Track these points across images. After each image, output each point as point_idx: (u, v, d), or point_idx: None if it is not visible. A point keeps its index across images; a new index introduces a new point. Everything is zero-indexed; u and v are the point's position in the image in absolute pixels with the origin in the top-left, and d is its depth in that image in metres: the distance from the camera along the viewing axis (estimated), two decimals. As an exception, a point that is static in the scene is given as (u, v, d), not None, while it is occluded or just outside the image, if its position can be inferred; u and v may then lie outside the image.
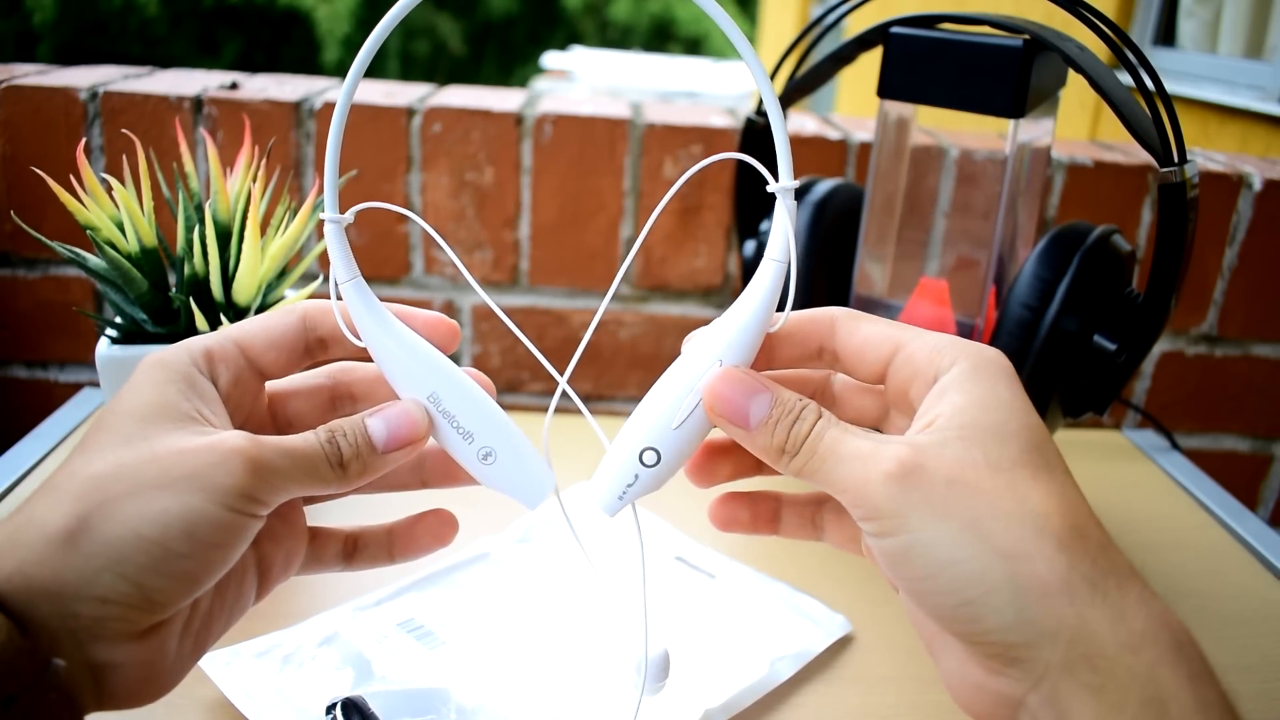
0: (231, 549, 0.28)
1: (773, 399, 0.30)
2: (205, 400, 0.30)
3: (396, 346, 0.32)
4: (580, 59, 6.59)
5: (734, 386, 0.30)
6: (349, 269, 0.32)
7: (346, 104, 0.30)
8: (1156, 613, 0.26)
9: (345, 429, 0.31)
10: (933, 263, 0.68)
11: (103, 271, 0.50)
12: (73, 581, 0.26)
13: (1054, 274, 0.53)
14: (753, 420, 0.30)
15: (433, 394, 0.32)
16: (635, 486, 0.32)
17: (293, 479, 0.29)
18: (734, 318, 0.31)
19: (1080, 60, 0.49)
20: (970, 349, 0.30)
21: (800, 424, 0.29)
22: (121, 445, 0.28)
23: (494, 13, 11.10)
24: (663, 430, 0.31)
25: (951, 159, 0.73)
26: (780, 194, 0.30)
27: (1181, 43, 2.44)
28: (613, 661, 0.46)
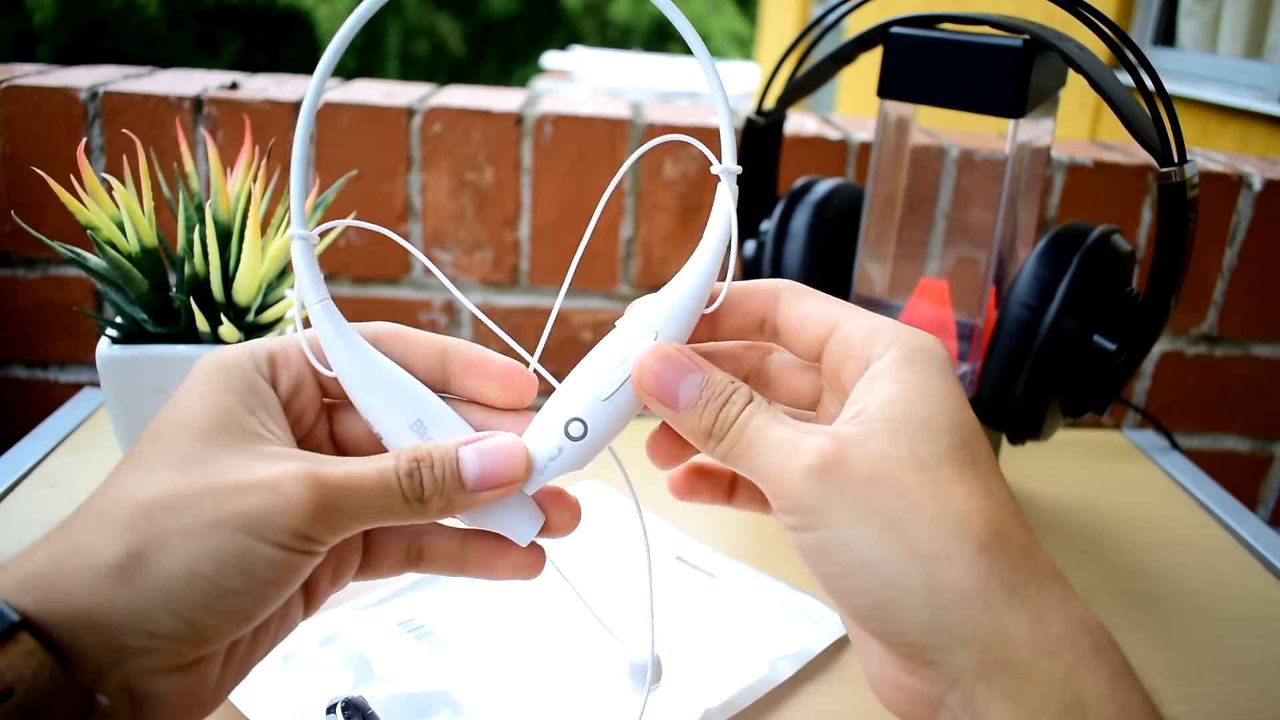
0: (288, 586, 0.27)
1: (704, 379, 0.29)
2: (267, 409, 0.28)
3: (371, 374, 0.29)
4: (580, 59, 6.59)
5: (665, 364, 0.29)
6: (318, 290, 0.29)
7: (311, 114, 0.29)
8: (1076, 615, 0.26)
9: (434, 459, 0.28)
10: (933, 263, 0.68)
11: (103, 271, 0.50)
12: (124, 616, 0.25)
13: (1054, 274, 0.53)
14: (682, 400, 0.29)
15: (416, 423, 0.30)
16: (559, 460, 0.30)
17: (360, 518, 0.27)
18: (672, 292, 0.30)
19: (1080, 60, 0.49)
20: (906, 335, 0.28)
21: (729, 407, 0.28)
22: (177, 468, 0.26)
23: (494, 13, 11.11)
24: (591, 402, 0.30)
25: (951, 159, 0.73)
26: (723, 176, 0.30)
27: (1181, 43, 2.44)
28: (610, 662, 0.46)
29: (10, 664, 0.23)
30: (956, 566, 0.25)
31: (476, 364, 0.31)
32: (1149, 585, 0.57)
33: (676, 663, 0.46)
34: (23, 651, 0.23)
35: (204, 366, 0.28)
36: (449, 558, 0.32)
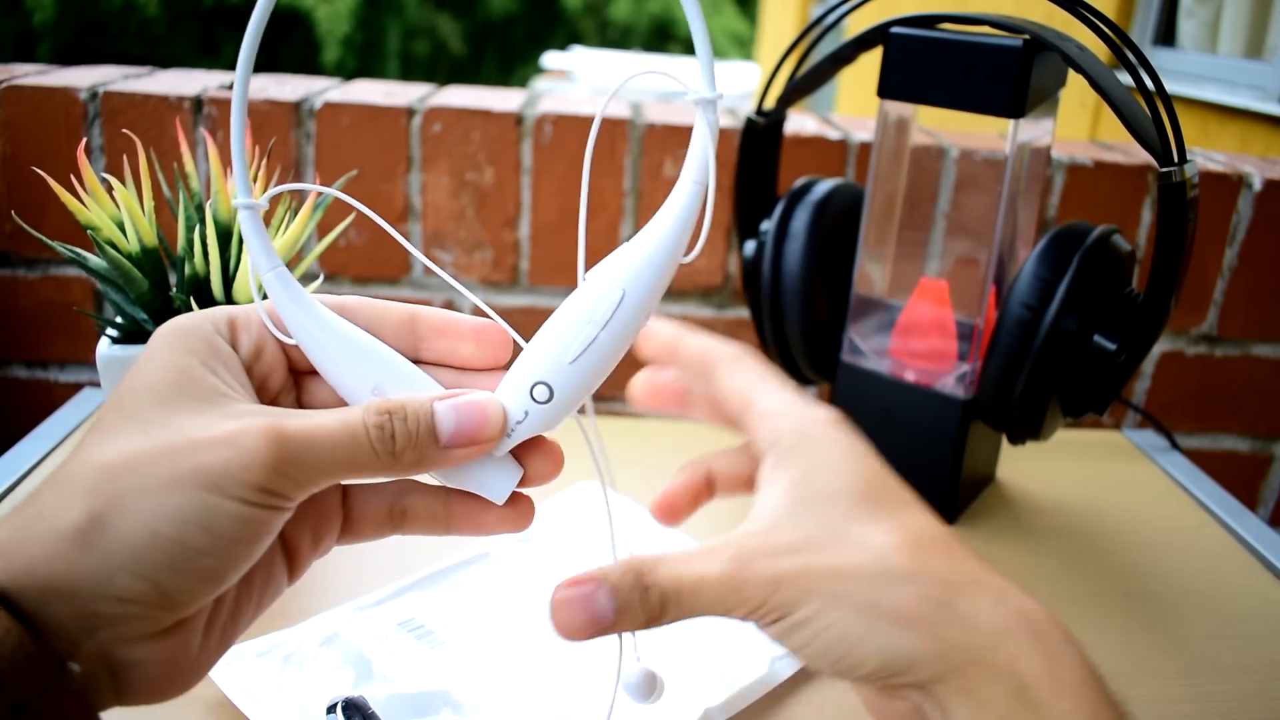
0: (255, 544, 0.26)
1: (609, 588, 0.29)
2: (229, 368, 0.28)
3: (330, 338, 0.29)
4: (580, 59, 6.59)
5: (569, 607, 0.29)
6: (270, 258, 0.29)
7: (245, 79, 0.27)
8: (1011, 609, 0.28)
9: (407, 411, 0.27)
10: (933, 263, 0.68)
11: (103, 271, 0.50)
12: (88, 581, 0.24)
13: (1054, 274, 0.53)
14: (611, 618, 0.29)
15: (376, 386, 0.29)
16: (525, 424, 0.29)
17: (325, 471, 0.27)
18: (643, 244, 0.28)
19: (1080, 60, 0.49)
20: (793, 420, 0.31)
21: (646, 594, 0.29)
22: (138, 432, 0.26)
23: (494, 13, 11.11)
24: (557, 365, 0.29)
25: (951, 159, 0.73)
26: (700, 106, 0.27)
27: (1181, 43, 2.44)
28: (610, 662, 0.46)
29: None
30: (891, 605, 0.28)
31: (448, 325, 0.31)
32: (1149, 585, 0.57)
33: (677, 663, 0.46)
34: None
35: (163, 331, 0.28)
36: (433, 516, 0.31)
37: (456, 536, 0.32)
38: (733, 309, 0.78)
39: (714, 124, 0.27)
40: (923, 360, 0.61)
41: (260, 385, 0.29)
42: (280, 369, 0.30)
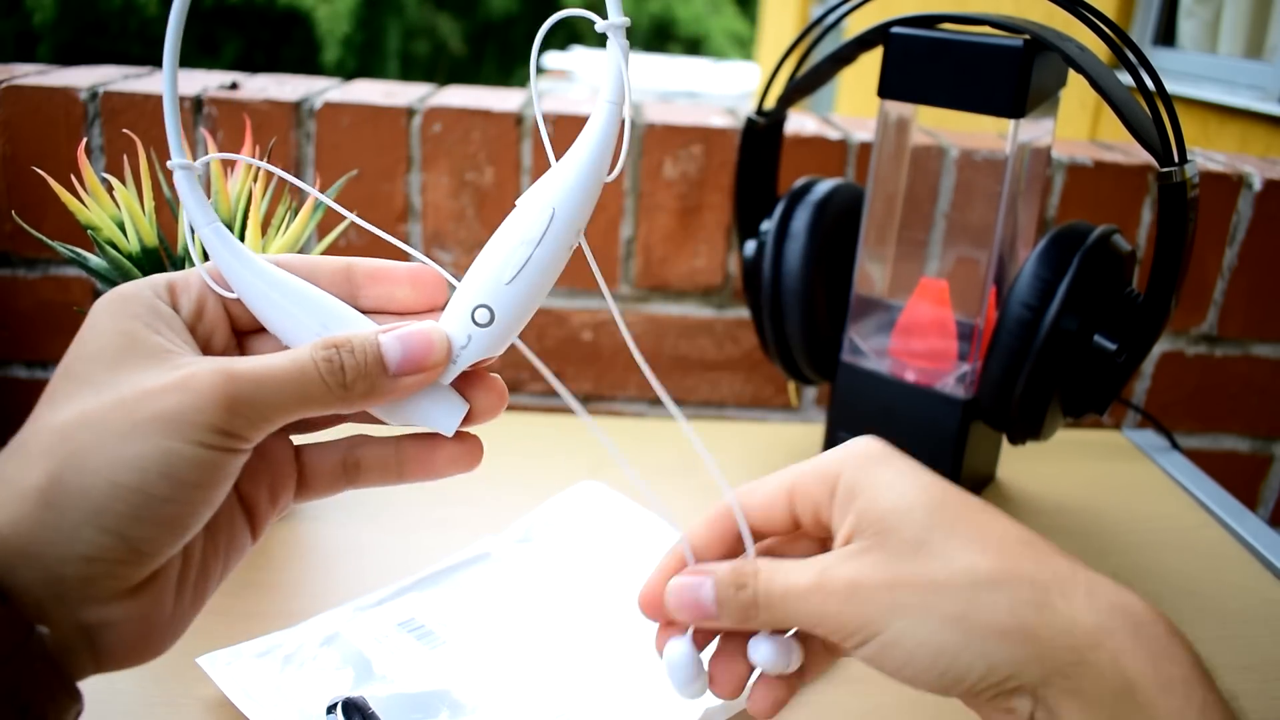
0: (216, 488, 0.27)
1: (713, 581, 0.32)
2: (172, 328, 0.28)
3: (271, 288, 0.29)
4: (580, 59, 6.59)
5: (682, 592, 0.32)
6: (206, 215, 0.29)
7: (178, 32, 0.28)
8: (1108, 604, 0.28)
9: (354, 344, 0.28)
10: (933, 263, 0.68)
11: (103, 271, 0.50)
12: (52, 540, 0.24)
13: (1054, 274, 0.53)
14: (711, 609, 0.32)
15: (322, 328, 0.29)
16: (470, 349, 0.30)
17: (278, 407, 0.27)
18: (568, 165, 0.29)
19: (1080, 60, 0.49)
20: (843, 455, 0.32)
21: (741, 594, 0.31)
22: (90, 394, 0.26)
23: (494, 13, 11.11)
24: (495, 286, 0.29)
25: (951, 159, 0.73)
26: (610, 32, 0.28)
27: (1181, 43, 2.44)
28: (610, 662, 0.46)
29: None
30: (985, 615, 0.28)
31: (382, 271, 0.31)
32: (1149, 585, 0.57)
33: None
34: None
35: (103, 301, 0.28)
36: (385, 465, 0.32)
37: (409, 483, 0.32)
38: (733, 309, 0.78)
39: (625, 47, 0.29)
40: (923, 360, 0.61)
41: (204, 345, 0.29)
42: (223, 328, 0.30)
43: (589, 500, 0.59)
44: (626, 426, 0.72)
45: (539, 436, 0.69)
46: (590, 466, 0.64)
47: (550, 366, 0.79)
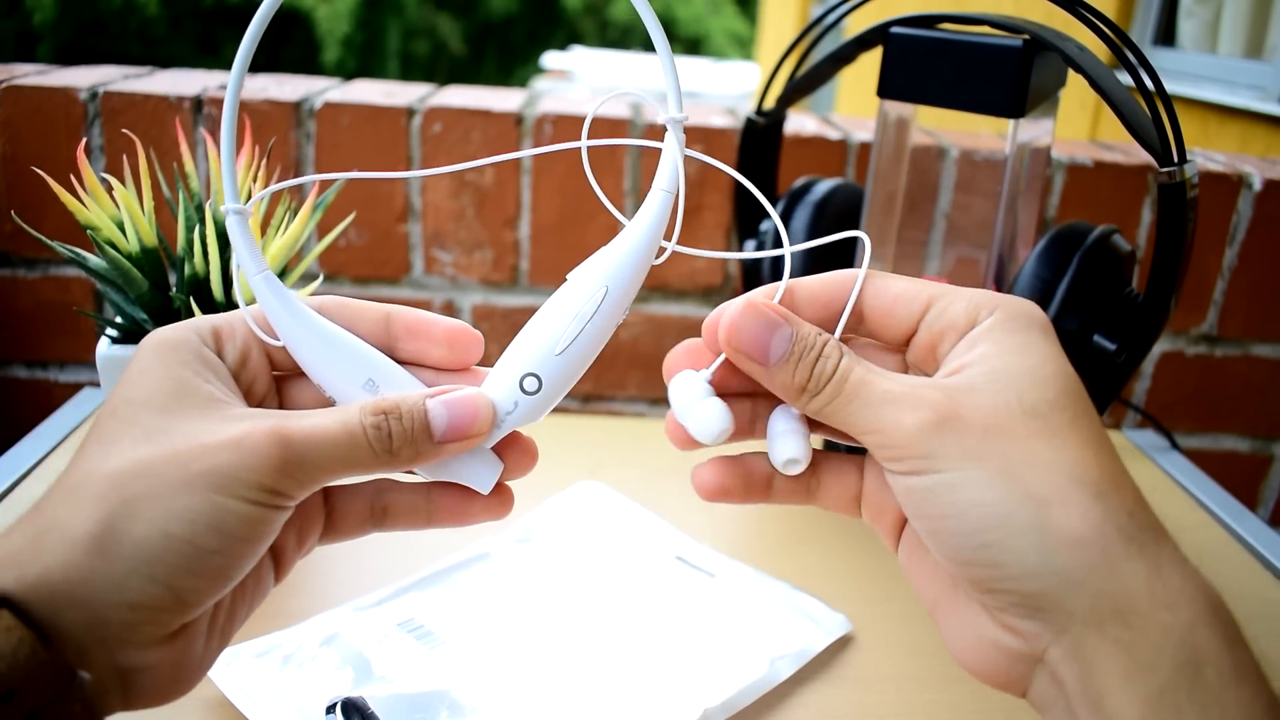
0: (261, 541, 0.27)
1: (794, 334, 0.28)
2: (220, 377, 0.29)
3: (317, 340, 0.30)
4: (580, 59, 6.59)
5: (753, 319, 0.28)
6: (258, 262, 0.30)
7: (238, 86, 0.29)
8: (1191, 573, 0.25)
9: (401, 410, 0.28)
10: (933, 263, 0.68)
11: (103, 271, 0.50)
12: (101, 588, 0.25)
13: (1054, 274, 0.53)
14: (773, 355, 0.28)
15: (368, 382, 0.30)
16: (515, 414, 0.30)
17: (327, 470, 0.27)
18: (621, 245, 0.30)
19: (1080, 60, 0.49)
20: (1004, 301, 0.28)
21: (824, 361, 0.28)
22: (141, 440, 0.26)
23: (494, 13, 11.11)
24: (545, 356, 0.30)
25: (951, 159, 0.73)
26: (670, 125, 0.30)
27: (1181, 43, 2.44)
28: (610, 662, 0.46)
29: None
30: (1071, 511, 0.25)
31: (421, 326, 0.31)
32: (1149, 585, 0.57)
33: (676, 663, 0.46)
34: (2, 628, 0.23)
35: (150, 344, 0.29)
36: (415, 512, 0.32)
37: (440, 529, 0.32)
38: (733, 309, 0.78)
39: (681, 140, 0.30)
40: (923, 360, 0.61)
41: (246, 391, 0.30)
42: (264, 375, 0.31)
43: (588, 500, 0.59)
44: (626, 426, 0.72)
45: (539, 437, 0.69)
46: (590, 466, 0.64)
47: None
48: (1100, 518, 0.25)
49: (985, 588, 0.26)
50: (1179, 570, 0.25)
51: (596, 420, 0.74)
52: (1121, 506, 0.25)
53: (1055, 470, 0.25)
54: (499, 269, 0.76)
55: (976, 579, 0.26)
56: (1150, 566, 0.25)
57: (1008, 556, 0.25)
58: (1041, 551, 0.25)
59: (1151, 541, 0.25)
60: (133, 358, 0.29)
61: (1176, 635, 0.24)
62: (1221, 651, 0.24)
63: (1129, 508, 0.25)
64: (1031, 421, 0.26)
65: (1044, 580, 0.25)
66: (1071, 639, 0.25)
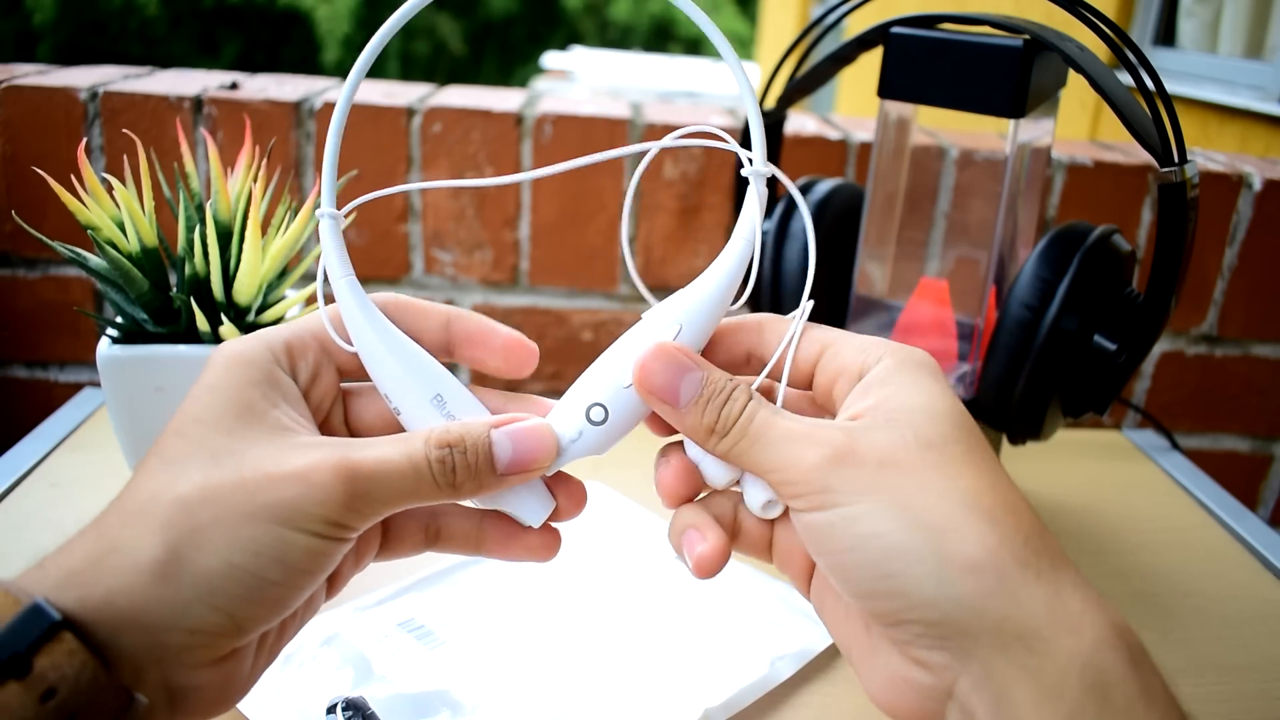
0: (322, 573, 0.28)
1: (703, 378, 0.29)
2: (289, 400, 0.29)
3: (392, 352, 0.30)
4: (580, 59, 6.60)
5: (665, 363, 0.29)
6: (344, 267, 0.30)
7: (349, 100, 0.29)
8: (1093, 597, 0.25)
9: (466, 443, 0.28)
10: (933, 263, 0.68)
11: (103, 271, 0.50)
12: (164, 613, 0.25)
13: (1054, 274, 0.53)
14: (683, 399, 0.29)
15: (436, 397, 0.30)
16: (580, 443, 0.31)
17: (390, 503, 0.28)
18: (698, 289, 0.31)
19: (1080, 60, 0.49)
20: (894, 347, 0.29)
21: (731, 404, 0.29)
22: (208, 463, 0.26)
23: (494, 13, 11.10)
24: (613, 388, 0.30)
25: (951, 159, 0.73)
26: (753, 178, 0.31)
27: (1181, 43, 2.44)
28: (609, 662, 0.46)
29: (53, 663, 0.23)
30: (966, 538, 0.25)
31: (480, 335, 0.31)
32: (1149, 585, 0.57)
33: (676, 663, 0.46)
34: (65, 651, 0.24)
35: (222, 360, 0.28)
36: (466, 537, 0.32)
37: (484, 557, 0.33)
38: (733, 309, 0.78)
39: (763, 194, 0.31)
40: (923, 360, 0.61)
41: (315, 407, 0.30)
42: (333, 389, 0.31)
43: (589, 500, 0.59)
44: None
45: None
46: (590, 466, 0.64)
47: (550, 367, 0.79)
48: (995, 543, 0.25)
49: (890, 620, 0.26)
50: (1080, 593, 0.25)
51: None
52: (1017, 532, 0.26)
53: (949, 499, 0.26)
54: (499, 269, 0.76)
55: (880, 612, 0.26)
56: (1050, 590, 0.25)
57: (908, 586, 0.25)
58: (939, 579, 0.25)
59: (1049, 566, 0.25)
60: (203, 370, 0.29)
61: (1081, 659, 0.24)
62: (1127, 674, 0.24)
63: (1025, 533, 0.26)
64: (926, 454, 0.27)
65: (944, 608, 0.25)
66: (979, 666, 0.25)
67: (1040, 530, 0.26)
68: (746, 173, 0.31)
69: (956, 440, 0.27)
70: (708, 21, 0.30)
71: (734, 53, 0.30)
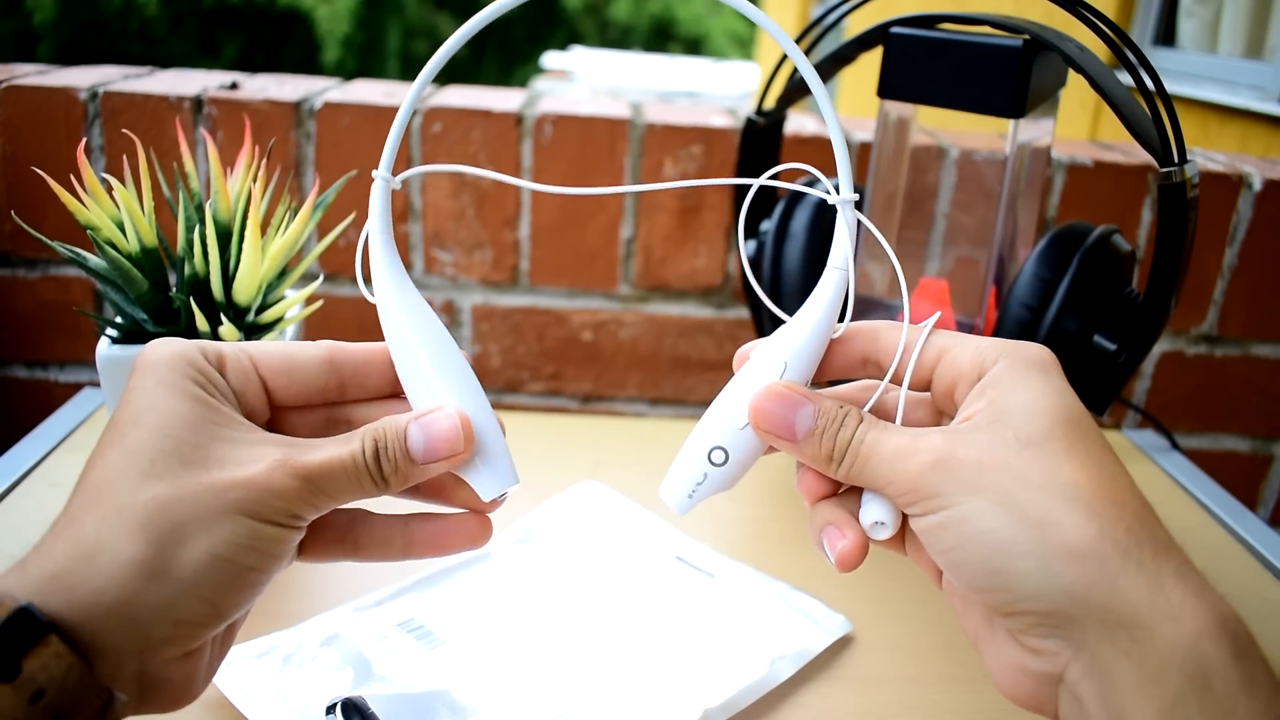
0: (287, 557, 0.30)
1: (816, 410, 0.31)
2: (228, 399, 0.31)
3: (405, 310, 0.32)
4: (580, 59, 6.60)
5: (777, 402, 0.31)
6: (385, 226, 0.32)
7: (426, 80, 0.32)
8: (1197, 586, 0.26)
9: (388, 437, 0.30)
10: (933, 263, 0.68)
11: (103, 271, 0.50)
12: (152, 607, 0.27)
13: (1054, 274, 0.53)
14: (799, 433, 0.31)
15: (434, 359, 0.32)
16: (705, 485, 0.32)
17: (337, 496, 0.30)
18: (799, 325, 0.32)
19: (1080, 60, 0.49)
20: (1010, 348, 0.30)
21: (844, 430, 0.30)
22: (177, 464, 0.28)
23: (494, 13, 11.07)
24: (731, 431, 0.32)
25: (951, 159, 0.73)
26: (840, 206, 0.32)
27: (1181, 43, 2.44)
28: (609, 662, 0.46)
29: (42, 665, 0.25)
30: (1066, 530, 0.26)
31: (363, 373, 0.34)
32: (1149, 585, 0.57)
33: (676, 663, 0.46)
34: (52, 654, 0.25)
35: (163, 358, 0.30)
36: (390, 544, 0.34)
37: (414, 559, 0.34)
38: (733, 309, 0.78)
39: (853, 221, 0.32)
40: (923, 360, 0.61)
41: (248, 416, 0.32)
42: (261, 406, 0.32)
43: (588, 500, 0.59)
44: (626, 426, 0.72)
45: (539, 436, 0.69)
46: (590, 466, 0.64)
47: (550, 366, 0.79)
48: (1095, 533, 0.26)
49: (1004, 611, 0.27)
50: (1182, 583, 0.26)
51: (596, 420, 0.74)
52: (1119, 522, 0.26)
53: (1049, 493, 0.27)
54: (499, 269, 0.76)
55: (994, 604, 0.28)
56: (1150, 580, 0.25)
57: (1015, 580, 0.26)
58: (1044, 571, 0.26)
59: (1151, 556, 0.26)
60: (140, 365, 0.30)
61: (1182, 648, 0.25)
62: (1228, 663, 0.25)
63: (1126, 523, 0.26)
64: (1024, 451, 0.28)
65: (1051, 599, 0.26)
66: (1088, 654, 0.26)
67: (1145, 519, 0.27)
68: (834, 201, 0.32)
69: (1057, 436, 0.28)
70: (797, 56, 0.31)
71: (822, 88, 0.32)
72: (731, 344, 0.78)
